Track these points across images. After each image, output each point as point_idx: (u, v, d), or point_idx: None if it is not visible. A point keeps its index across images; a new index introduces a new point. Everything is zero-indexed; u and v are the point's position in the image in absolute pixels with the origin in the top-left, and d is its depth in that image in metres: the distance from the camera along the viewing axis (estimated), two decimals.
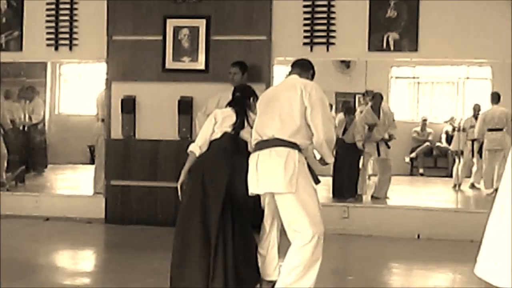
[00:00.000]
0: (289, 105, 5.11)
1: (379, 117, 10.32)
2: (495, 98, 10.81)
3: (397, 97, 12.30)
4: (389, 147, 10.33)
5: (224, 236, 5.24)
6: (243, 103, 5.70)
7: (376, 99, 10.46)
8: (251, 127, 5.47)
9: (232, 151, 5.45)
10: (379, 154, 10.30)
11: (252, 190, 5.17)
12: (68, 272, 6.67)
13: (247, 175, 5.21)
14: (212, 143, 5.57)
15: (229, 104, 5.77)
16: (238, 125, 5.54)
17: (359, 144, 10.12)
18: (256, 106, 5.53)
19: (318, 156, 5.38)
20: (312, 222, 4.98)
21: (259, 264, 5.56)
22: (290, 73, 5.49)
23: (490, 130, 10.84)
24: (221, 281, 5.17)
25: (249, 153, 5.31)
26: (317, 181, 5.16)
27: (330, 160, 5.31)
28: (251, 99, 5.74)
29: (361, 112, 10.67)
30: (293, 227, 5.03)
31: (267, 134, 5.14)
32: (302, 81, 5.27)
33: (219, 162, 5.39)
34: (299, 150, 5.08)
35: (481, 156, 11.09)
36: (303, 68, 5.52)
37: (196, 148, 5.55)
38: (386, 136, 10.34)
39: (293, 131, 5.07)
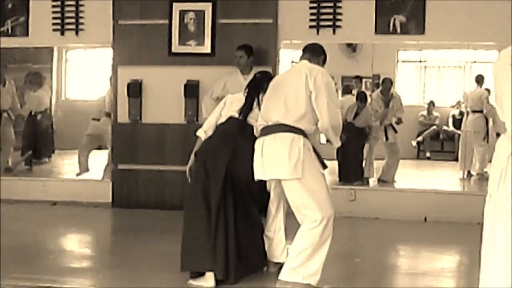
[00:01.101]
0: (295, 90, 5.09)
1: (389, 102, 10.30)
2: (479, 80, 10.82)
3: (403, 81, 12.25)
4: (396, 132, 10.32)
5: (225, 218, 5.26)
6: (260, 86, 5.67)
7: (385, 83, 10.45)
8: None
9: (236, 135, 5.44)
10: (387, 139, 10.29)
11: (258, 176, 5.16)
12: (75, 255, 6.69)
13: (250, 159, 5.22)
14: (218, 127, 5.60)
15: (248, 84, 5.79)
16: (246, 109, 5.54)
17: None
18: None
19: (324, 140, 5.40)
20: (320, 207, 4.98)
21: (266, 247, 5.58)
22: (301, 58, 5.47)
23: (473, 111, 10.85)
24: (223, 263, 5.20)
25: (255, 138, 5.31)
26: (324, 166, 5.15)
27: (337, 144, 5.27)
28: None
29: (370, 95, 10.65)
30: (302, 212, 5.04)
31: (272, 119, 5.12)
32: (308, 66, 5.23)
33: (220, 145, 5.40)
34: (304, 135, 5.06)
35: None
36: (313, 53, 5.48)
37: (202, 132, 5.64)
38: (394, 121, 10.32)
39: (298, 117, 5.05)
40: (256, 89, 5.67)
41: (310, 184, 5.00)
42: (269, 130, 5.12)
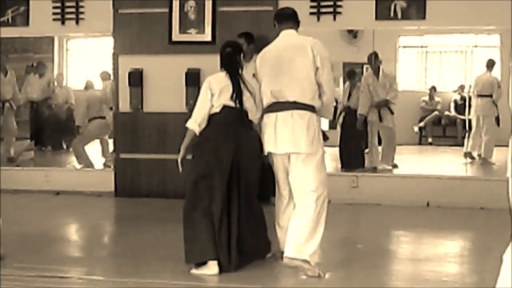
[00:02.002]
0: (305, 68, 5.24)
1: (378, 78, 10.11)
2: (489, 65, 10.81)
3: (405, 66, 12.24)
4: (392, 113, 10.09)
5: (229, 211, 5.27)
6: (235, 63, 5.53)
7: (370, 59, 10.15)
8: (250, 93, 5.44)
9: (236, 126, 5.39)
10: (380, 120, 10.00)
11: (270, 149, 5.30)
12: (79, 245, 6.72)
13: (251, 147, 5.25)
14: (212, 117, 5.46)
15: (221, 63, 5.57)
16: (238, 96, 5.40)
17: (363, 111, 9.91)
18: (257, 66, 5.53)
19: None
20: (322, 184, 5.23)
21: (278, 236, 5.56)
22: (284, 27, 5.51)
23: (479, 96, 10.84)
24: (225, 251, 5.21)
25: (251, 123, 5.39)
26: (325, 138, 5.31)
27: (331, 116, 5.74)
28: (241, 55, 5.61)
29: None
30: (303, 188, 5.19)
31: (285, 97, 5.23)
32: (309, 40, 5.37)
33: (221, 140, 5.34)
34: (316, 112, 5.27)
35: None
36: (296, 21, 5.58)
37: (195, 126, 5.46)
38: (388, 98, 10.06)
39: (312, 95, 5.24)
40: (234, 66, 5.52)
41: (319, 161, 5.24)
42: (282, 106, 5.23)
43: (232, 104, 5.41)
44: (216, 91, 5.43)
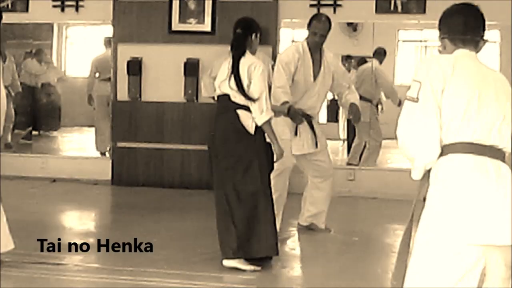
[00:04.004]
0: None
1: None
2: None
3: (404, 60, 12.23)
4: (377, 110, 9.96)
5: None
6: (240, 46, 5.38)
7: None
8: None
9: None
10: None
11: (298, 151, 6.17)
12: (75, 232, 6.73)
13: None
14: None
15: (231, 46, 5.45)
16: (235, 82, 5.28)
17: None
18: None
19: None
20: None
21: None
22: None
23: None
24: (231, 249, 5.22)
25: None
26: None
27: None
28: (254, 35, 5.46)
29: None
30: (325, 173, 6.43)
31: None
32: None
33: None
34: None
35: None
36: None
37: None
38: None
39: None
40: (237, 49, 5.40)
41: None
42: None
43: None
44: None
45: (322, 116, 10.03)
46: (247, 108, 5.20)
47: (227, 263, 5.20)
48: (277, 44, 8.53)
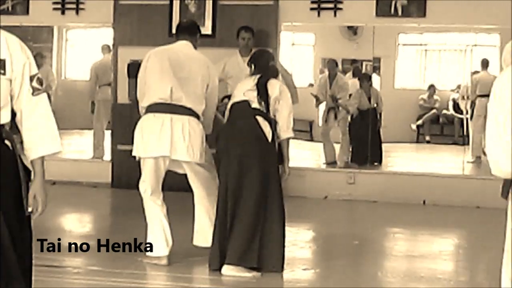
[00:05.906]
0: None
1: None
2: (484, 64, 10.80)
3: (404, 64, 12.24)
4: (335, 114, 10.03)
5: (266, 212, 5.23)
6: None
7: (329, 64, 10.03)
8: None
9: None
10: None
11: None
12: (75, 235, 6.73)
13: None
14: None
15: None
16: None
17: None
18: None
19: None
20: None
21: None
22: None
23: (478, 96, 10.80)
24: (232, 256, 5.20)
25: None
26: None
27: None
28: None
29: None
30: None
31: None
32: None
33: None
34: None
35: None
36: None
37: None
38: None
39: None
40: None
41: None
42: None
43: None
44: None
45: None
46: (264, 116, 5.25)
47: (226, 270, 5.17)
48: (277, 47, 8.53)
